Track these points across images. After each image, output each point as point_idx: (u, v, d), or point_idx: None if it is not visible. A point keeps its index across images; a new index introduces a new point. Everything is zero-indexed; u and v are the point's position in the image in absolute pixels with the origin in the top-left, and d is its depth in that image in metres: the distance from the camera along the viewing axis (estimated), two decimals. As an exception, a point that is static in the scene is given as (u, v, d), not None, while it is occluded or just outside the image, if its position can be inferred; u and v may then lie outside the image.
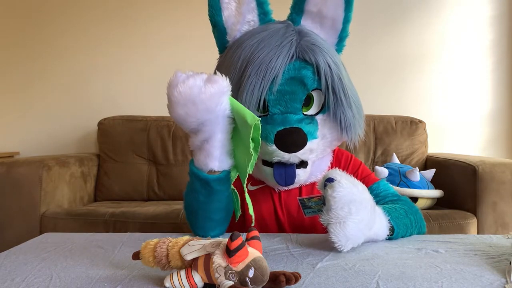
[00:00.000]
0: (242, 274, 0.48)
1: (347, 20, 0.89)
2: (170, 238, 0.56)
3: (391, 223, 0.79)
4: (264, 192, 0.95)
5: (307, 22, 0.89)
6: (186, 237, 0.55)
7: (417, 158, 2.11)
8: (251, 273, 0.48)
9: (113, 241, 0.80)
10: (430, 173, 1.85)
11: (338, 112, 0.84)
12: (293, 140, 0.81)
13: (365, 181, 0.91)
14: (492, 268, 0.62)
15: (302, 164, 0.86)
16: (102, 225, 1.59)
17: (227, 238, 0.49)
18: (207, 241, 0.52)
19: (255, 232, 0.53)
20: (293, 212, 0.94)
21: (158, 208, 1.69)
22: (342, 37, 0.91)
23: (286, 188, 0.93)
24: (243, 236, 0.49)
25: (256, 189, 0.95)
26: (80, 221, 1.61)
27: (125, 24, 2.35)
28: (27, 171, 1.65)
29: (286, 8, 0.91)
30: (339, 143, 0.92)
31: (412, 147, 2.12)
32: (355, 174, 0.92)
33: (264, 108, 0.85)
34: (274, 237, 0.83)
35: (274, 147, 0.81)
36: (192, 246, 0.52)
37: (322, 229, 0.74)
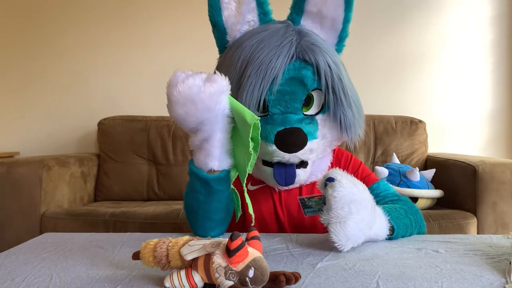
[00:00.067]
0: (242, 274, 0.48)
1: (347, 20, 0.89)
2: (170, 238, 0.56)
3: (391, 223, 0.79)
4: (264, 192, 0.95)
5: (307, 22, 0.89)
6: (186, 237, 0.55)
7: (417, 158, 2.11)
8: (251, 273, 0.48)
9: (113, 241, 0.80)
10: (430, 173, 1.85)
11: (338, 112, 0.85)
12: (293, 140, 0.81)
13: (365, 181, 0.91)
14: (492, 268, 0.62)
15: (302, 164, 0.86)
16: (102, 225, 1.59)
17: (227, 238, 0.49)
18: (207, 241, 0.52)
19: (255, 232, 0.53)
20: (293, 212, 0.94)
21: (158, 208, 1.69)
22: (342, 37, 0.91)
23: (286, 188, 0.93)
24: (243, 236, 0.49)
25: (256, 189, 0.95)
26: (80, 221, 1.61)
27: (125, 24, 2.35)
28: (27, 171, 1.65)
29: (286, 8, 0.91)
30: (339, 143, 0.92)
31: (412, 147, 2.11)
32: (355, 174, 0.92)
33: (264, 108, 0.85)
34: (274, 237, 0.83)
35: (274, 147, 0.81)
36: (192, 246, 0.52)
37: (323, 228, 0.74)
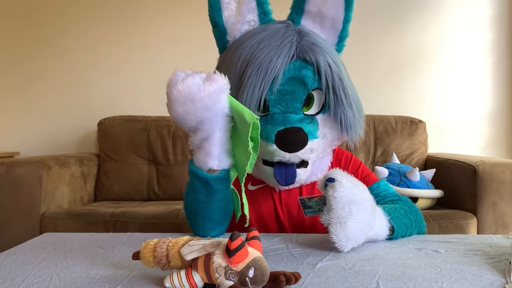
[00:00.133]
0: (242, 274, 0.48)
1: (347, 20, 0.89)
2: (170, 238, 0.56)
3: (391, 223, 0.79)
4: (264, 192, 0.95)
5: (307, 22, 0.89)
6: (186, 237, 0.55)
7: (417, 158, 2.11)
8: (251, 273, 0.48)
9: (113, 241, 0.80)
10: (430, 173, 1.85)
11: (339, 111, 0.84)
12: (294, 139, 0.81)
13: (365, 181, 0.91)
14: (492, 268, 0.62)
15: (303, 163, 0.86)
16: (102, 225, 1.59)
17: (227, 238, 0.49)
18: (207, 241, 0.52)
19: (255, 232, 0.53)
20: (293, 212, 0.94)
21: (158, 208, 1.69)
22: (342, 37, 0.91)
23: (286, 187, 0.93)
24: (243, 236, 0.49)
25: (256, 188, 0.95)
26: (80, 221, 1.61)
27: (125, 24, 2.35)
28: (27, 171, 1.65)
29: (286, 8, 0.91)
30: (340, 142, 0.92)
31: (412, 147, 2.11)
32: (355, 174, 0.92)
33: (264, 108, 0.85)
34: (274, 237, 0.83)
35: (274, 147, 0.81)
36: (192, 246, 0.52)
37: (323, 229, 0.74)
